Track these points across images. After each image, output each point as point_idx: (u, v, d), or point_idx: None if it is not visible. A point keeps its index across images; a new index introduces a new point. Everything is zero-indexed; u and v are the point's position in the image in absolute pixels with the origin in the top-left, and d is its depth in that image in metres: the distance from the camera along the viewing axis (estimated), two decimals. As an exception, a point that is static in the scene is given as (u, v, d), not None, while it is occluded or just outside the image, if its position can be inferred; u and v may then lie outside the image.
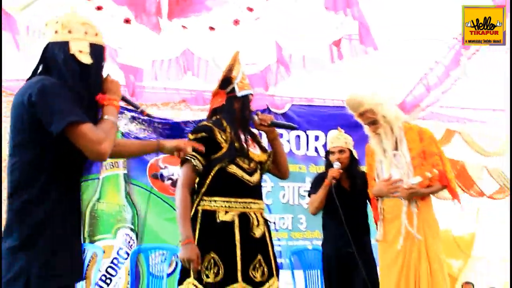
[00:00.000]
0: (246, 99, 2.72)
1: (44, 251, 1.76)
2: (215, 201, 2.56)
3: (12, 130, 1.85)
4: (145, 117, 5.50)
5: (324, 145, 5.66)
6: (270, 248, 2.66)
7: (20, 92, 1.84)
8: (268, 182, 5.48)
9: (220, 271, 2.48)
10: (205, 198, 2.57)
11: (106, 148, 1.80)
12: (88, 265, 4.50)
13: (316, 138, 5.73)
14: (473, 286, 6.86)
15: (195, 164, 2.56)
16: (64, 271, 1.82)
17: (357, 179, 3.90)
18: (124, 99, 2.02)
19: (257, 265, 2.56)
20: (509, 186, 6.75)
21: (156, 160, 5.42)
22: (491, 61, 4.54)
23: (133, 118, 5.50)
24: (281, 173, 2.91)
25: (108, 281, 5.13)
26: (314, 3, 3.88)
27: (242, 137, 2.70)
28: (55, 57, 1.86)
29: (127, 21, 3.75)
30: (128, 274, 5.08)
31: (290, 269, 4.72)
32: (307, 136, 5.78)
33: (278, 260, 5.40)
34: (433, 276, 3.01)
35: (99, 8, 3.72)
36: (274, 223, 5.35)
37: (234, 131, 2.65)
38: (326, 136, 5.69)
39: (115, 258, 5.18)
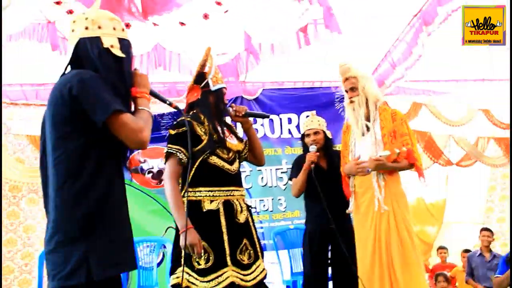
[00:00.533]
0: (220, 92, 2.84)
1: (103, 239, 1.78)
2: (199, 191, 2.68)
3: (52, 125, 1.85)
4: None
5: (297, 127, 5.81)
6: (253, 232, 2.81)
7: (57, 87, 1.86)
8: (247, 167, 5.62)
9: (211, 257, 2.60)
10: (190, 189, 2.67)
11: (146, 137, 1.85)
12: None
13: (289, 120, 5.85)
14: (447, 250, 7.14)
15: (180, 157, 2.67)
16: (122, 259, 1.85)
17: (334, 157, 4.06)
18: (152, 92, 2.09)
19: (243, 249, 2.70)
20: (475, 153, 7.05)
21: (135, 154, 5.50)
22: (448, 34, 4.71)
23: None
24: (257, 160, 3.06)
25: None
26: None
27: (219, 128, 2.81)
28: (88, 52, 1.90)
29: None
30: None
31: (274, 249, 4.87)
32: (280, 119, 5.90)
33: (262, 242, 5.62)
34: (403, 245, 3.20)
35: (58, 3, 3.73)
36: (255, 207, 5.49)
37: (212, 123, 2.77)
38: (298, 118, 5.87)
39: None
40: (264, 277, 2.77)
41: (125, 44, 1.99)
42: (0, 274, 4.71)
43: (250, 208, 2.89)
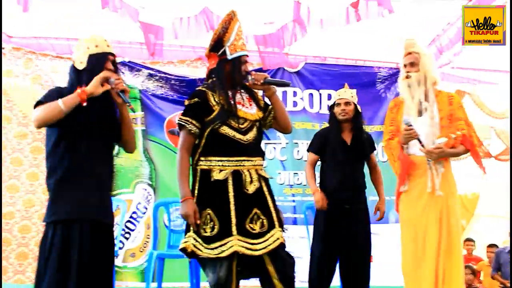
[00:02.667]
0: (237, 60, 2.75)
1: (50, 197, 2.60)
2: (210, 161, 2.70)
3: None
4: (162, 75, 5.62)
5: (337, 104, 5.76)
6: (269, 202, 2.75)
7: None
8: (283, 139, 5.62)
9: (215, 226, 2.62)
10: (201, 158, 2.71)
11: (35, 121, 2.56)
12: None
13: (329, 96, 5.80)
14: (474, 243, 7.05)
15: (189, 128, 2.70)
16: (58, 211, 2.54)
17: (360, 132, 3.98)
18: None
19: (255, 218, 2.67)
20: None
21: (173, 116, 5.55)
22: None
23: (150, 75, 5.61)
24: (281, 127, 2.97)
25: (127, 235, 5.34)
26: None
27: (237, 97, 2.78)
28: None
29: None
30: (148, 228, 5.31)
31: (304, 223, 4.89)
32: (320, 94, 5.87)
33: (293, 215, 5.65)
34: (451, 232, 3.16)
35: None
36: (287, 181, 5.46)
37: (224, 93, 2.73)
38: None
39: (134, 212, 5.39)
40: (280, 246, 2.67)
41: (92, 59, 2.62)
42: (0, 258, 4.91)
43: (265, 178, 2.80)
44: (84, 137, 2.59)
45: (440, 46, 5.64)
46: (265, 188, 2.76)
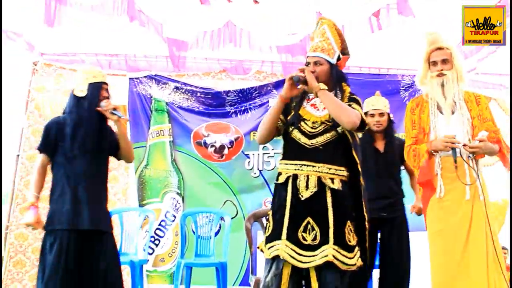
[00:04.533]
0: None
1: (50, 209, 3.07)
2: (282, 164, 2.75)
3: None
4: (188, 87, 5.74)
5: (360, 113, 5.79)
6: (330, 215, 2.56)
7: None
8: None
9: (270, 228, 2.68)
10: (280, 161, 2.79)
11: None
12: (140, 227, 4.86)
13: (352, 106, 5.83)
14: (508, 251, 6.90)
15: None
16: (54, 221, 3.00)
17: (393, 142, 3.98)
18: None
19: (308, 228, 2.56)
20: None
21: (199, 128, 5.68)
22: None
23: (176, 88, 5.74)
24: (341, 123, 2.63)
25: (156, 242, 5.47)
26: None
27: (315, 99, 2.75)
28: None
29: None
30: (176, 235, 5.42)
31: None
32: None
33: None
34: (493, 237, 2.92)
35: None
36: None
37: (300, 97, 2.77)
38: (362, 103, 5.84)
39: (163, 220, 5.51)
40: (328, 265, 2.49)
41: (90, 87, 3.15)
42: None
43: (332, 188, 2.61)
44: (77, 157, 3.05)
45: (464, 52, 5.61)
46: (329, 199, 2.59)
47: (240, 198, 5.60)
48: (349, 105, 2.68)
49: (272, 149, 5.56)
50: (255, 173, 5.66)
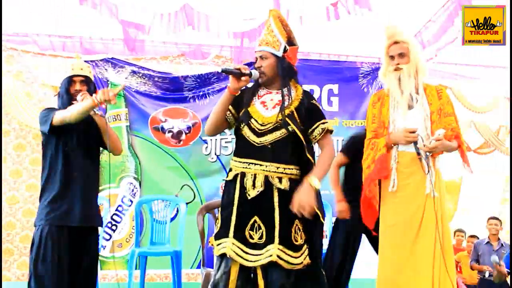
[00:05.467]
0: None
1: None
2: (232, 160, 2.70)
3: None
4: (145, 71, 5.63)
5: (319, 99, 5.81)
6: (276, 214, 2.55)
7: None
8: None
9: (219, 225, 2.67)
10: (232, 157, 2.73)
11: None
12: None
13: (311, 91, 5.84)
14: (465, 234, 7.09)
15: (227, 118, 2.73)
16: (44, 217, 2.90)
17: None
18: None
19: (255, 226, 2.56)
20: (495, 141, 6.97)
21: (157, 113, 5.60)
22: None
23: (134, 72, 5.62)
24: None
25: (114, 227, 5.42)
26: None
27: (266, 97, 2.70)
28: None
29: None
30: (133, 220, 5.36)
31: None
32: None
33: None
34: (444, 232, 2.96)
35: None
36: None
37: (251, 93, 2.71)
38: (321, 90, 5.86)
39: (120, 205, 5.45)
40: (273, 263, 2.49)
41: (62, 83, 3.02)
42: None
43: (279, 188, 2.58)
44: (67, 152, 2.93)
45: (422, 42, 5.68)
46: (275, 199, 2.57)
47: (198, 183, 5.58)
48: (313, 115, 2.67)
49: (230, 134, 5.51)
50: (212, 158, 5.64)
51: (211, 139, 5.64)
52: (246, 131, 2.63)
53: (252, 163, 2.60)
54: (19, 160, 5.77)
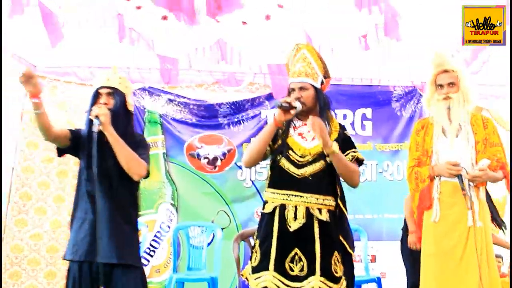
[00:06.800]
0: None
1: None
2: (268, 192, 2.73)
3: None
4: (181, 99, 5.80)
5: (352, 123, 5.84)
6: (317, 246, 2.59)
7: None
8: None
9: (257, 258, 2.66)
10: (266, 189, 2.75)
11: None
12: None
13: (344, 116, 5.89)
14: (502, 259, 6.91)
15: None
16: (70, 250, 2.63)
17: None
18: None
19: (296, 258, 2.58)
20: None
21: (193, 140, 5.75)
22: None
23: (169, 100, 5.80)
24: (346, 182, 2.77)
25: (152, 253, 5.55)
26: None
27: (302, 128, 2.74)
28: None
29: (164, 17, 3.99)
30: (170, 246, 5.46)
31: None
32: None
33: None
34: (490, 265, 2.93)
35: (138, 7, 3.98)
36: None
37: (286, 124, 2.73)
38: (353, 114, 5.89)
39: (158, 231, 5.59)
40: None
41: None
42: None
43: (320, 219, 2.63)
44: (91, 177, 2.56)
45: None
46: (316, 230, 2.61)
47: (233, 208, 5.68)
48: (352, 153, 2.72)
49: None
50: (247, 183, 5.73)
51: (246, 165, 5.73)
52: (284, 163, 2.66)
53: (292, 195, 2.63)
54: (62, 186, 5.94)
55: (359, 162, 2.76)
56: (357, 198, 4.92)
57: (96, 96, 2.66)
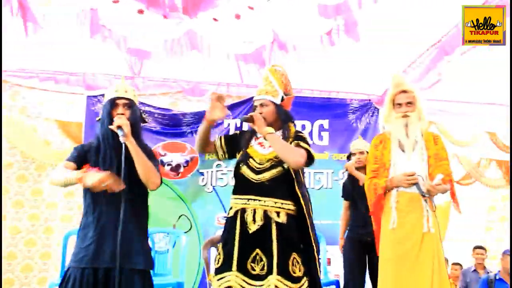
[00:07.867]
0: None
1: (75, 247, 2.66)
2: (232, 198, 2.95)
3: None
4: (145, 108, 5.87)
5: (310, 133, 6.07)
6: (274, 246, 2.74)
7: None
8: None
9: (220, 260, 2.83)
10: (231, 196, 2.97)
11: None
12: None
13: (303, 127, 6.08)
14: (461, 267, 7.20)
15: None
16: (76, 258, 2.61)
17: None
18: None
19: (257, 258, 2.76)
20: (475, 173, 7.30)
21: (156, 147, 5.82)
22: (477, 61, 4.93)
23: (134, 107, 5.82)
24: (287, 163, 2.85)
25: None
26: (307, 6, 4.27)
27: (254, 140, 3.03)
28: None
29: (140, 11, 4.09)
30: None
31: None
32: (295, 125, 6.10)
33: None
34: (441, 268, 3.17)
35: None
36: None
37: (249, 137, 3.06)
38: (312, 125, 6.12)
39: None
40: None
41: (104, 106, 2.75)
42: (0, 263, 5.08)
43: (277, 222, 2.80)
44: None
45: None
46: (274, 232, 2.77)
47: (194, 212, 5.78)
48: (297, 144, 2.89)
49: (226, 167, 5.77)
50: (208, 189, 5.84)
51: (207, 171, 5.86)
52: (245, 170, 2.89)
53: (251, 199, 2.83)
54: (21, 190, 5.90)
55: (309, 156, 2.88)
56: (314, 204, 5.05)
57: (113, 105, 2.68)
